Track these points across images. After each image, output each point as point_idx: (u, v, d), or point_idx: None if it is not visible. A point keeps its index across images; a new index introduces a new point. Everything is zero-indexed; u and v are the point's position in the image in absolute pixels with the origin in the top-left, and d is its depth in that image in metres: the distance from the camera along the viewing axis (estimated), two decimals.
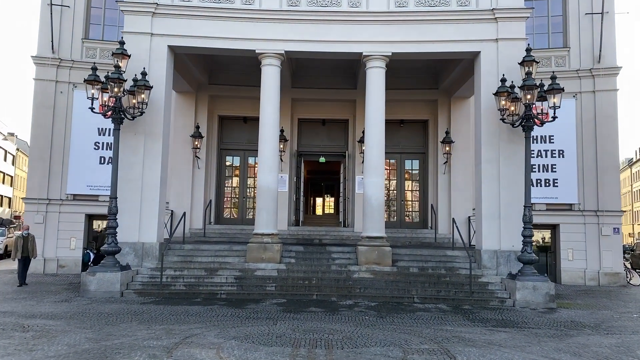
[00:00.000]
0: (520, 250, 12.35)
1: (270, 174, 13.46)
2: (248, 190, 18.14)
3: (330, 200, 30.01)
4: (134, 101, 12.76)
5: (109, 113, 12.38)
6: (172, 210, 16.91)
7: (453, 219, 15.20)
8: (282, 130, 17.02)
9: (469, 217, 16.79)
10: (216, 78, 17.70)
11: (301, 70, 17.59)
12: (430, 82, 17.73)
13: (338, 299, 11.86)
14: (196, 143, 17.00)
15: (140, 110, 12.74)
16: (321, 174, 26.19)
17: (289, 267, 13.10)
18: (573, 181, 17.12)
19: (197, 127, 17.06)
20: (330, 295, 11.95)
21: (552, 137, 17.36)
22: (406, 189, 18.30)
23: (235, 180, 18.39)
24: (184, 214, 15.49)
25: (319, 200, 31.02)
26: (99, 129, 17.42)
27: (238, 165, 18.32)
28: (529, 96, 11.88)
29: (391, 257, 13.18)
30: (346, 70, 17.58)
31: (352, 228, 17.38)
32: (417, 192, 18.18)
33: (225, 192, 18.31)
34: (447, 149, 16.90)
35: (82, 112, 16.59)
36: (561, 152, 17.22)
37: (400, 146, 17.97)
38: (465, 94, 17.09)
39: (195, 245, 14.26)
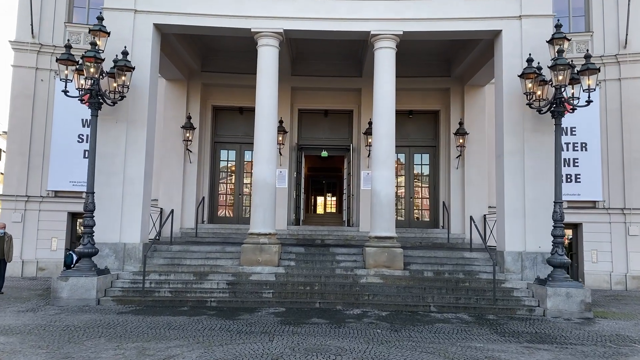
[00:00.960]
0: (549, 251, 10.83)
1: (268, 166, 11.94)
2: (244, 187, 16.61)
3: (332, 199, 28.45)
4: (114, 84, 11.24)
5: (86, 97, 10.87)
6: (161, 208, 15.39)
7: (471, 217, 13.68)
8: (281, 122, 15.52)
9: (485, 215, 15.28)
10: (210, 64, 16.17)
11: (301, 56, 16.07)
12: (442, 69, 16.20)
13: (344, 307, 10.33)
14: (187, 135, 15.47)
15: (120, 94, 11.22)
16: (323, 171, 24.64)
17: (289, 270, 11.58)
18: (597, 176, 15.61)
19: (189, 118, 15.54)
20: (335, 303, 10.42)
21: (574, 129, 15.86)
22: (415, 185, 16.77)
23: (231, 175, 16.86)
24: (172, 211, 13.96)
25: (320, 199, 29.46)
26: (82, 120, 15.94)
27: (234, 160, 16.78)
28: (560, 77, 10.35)
29: (403, 260, 11.67)
30: (351, 57, 16.06)
31: (357, 227, 15.86)
32: (427, 188, 16.65)
33: (220, 189, 16.78)
34: (461, 141, 15.37)
35: (65, 102, 14.98)
36: (584, 145, 15.72)
37: (409, 139, 16.43)
38: (479, 82, 15.57)
39: (185, 246, 12.72)
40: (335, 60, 16.05)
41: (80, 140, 16.04)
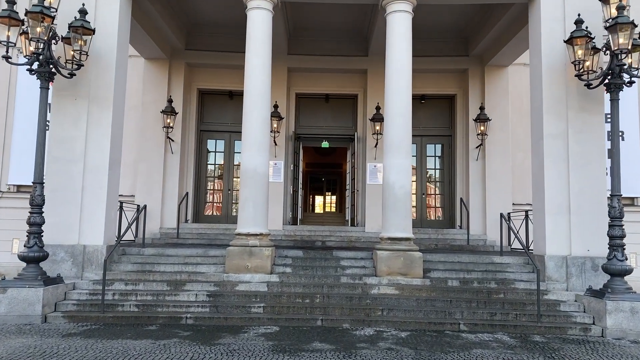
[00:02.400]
0: (601, 255, 8.77)
1: (259, 153, 9.77)
2: (234, 181, 14.44)
3: (332, 199, 26.23)
4: (71, 52, 9.09)
5: (34, 65, 8.70)
6: (138, 205, 13.18)
7: (501, 214, 11.50)
8: (275, 106, 13.39)
9: (509, 213, 13.12)
10: (195, 41, 13.99)
11: (299, 32, 13.92)
12: (459, 47, 14.08)
13: (352, 326, 8.16)
14: (168, 121, 13.29)
15: (77, 62, 9.05)
16: (322, 167, 22.45)
17: (284, 279, 9.41)
18: (635, 169, 13.52)
19: (170, 101, 13.36)
20: (341, 321, 8.24)
21: (607, 116, 13.73)
22: (428, 179, 14.62)
23: (219, 168, 14.69)
24: (144, 207, 11.73)
25: (319, 199, 27.23)
26: (50, 105, 13.73)
27: (222, 150, 14.60)
28: (621, 39, 8.22)
29: (422, 266, 9.52)
30: (355, 32, 13.94)
31: (362, 227, 13.70)
32: (442, 183, 14.50)
33: (206, 183, 14.59)
34: (482, 128, 13.23)
35: (29, 84, 12.99)
36: (621, 133, 13.60)
37: (421, 127, 14.26)
38: (502, 62, 13.45)
39: (160, 249, 10.52)
40: (337, 37, 13.93)
41: (48, 128, 13.83)
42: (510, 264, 10.08)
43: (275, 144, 13.64)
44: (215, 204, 14.60)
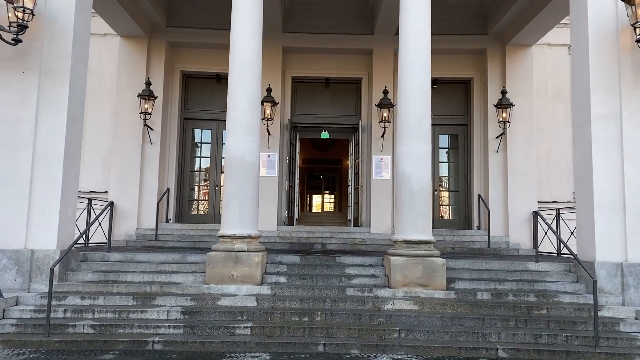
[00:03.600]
0: None
1: (248, 137, 7.98)
2: (223, 176, 12.60)
3: (331, 198, 24.39)
4: (17, 14, 7.29)
5: None
6: (111, 202, 11.37)
7: (535, 212, 9.69)
8: (269, 90, 11.59)
9: (535, 212, 11.37)
10: (178, 17, 12.17)
11: (296, 6, 12.13)
12: (477, 25, 12.31)
13: (363, 352, 6.36)
14: (146, 106, 11.47)
15: (21, 24, 7.24)
16: (320, 163, 20.64)
17: (277, 291, 7.61)
18: None
19: (148, 83, 11.53)
20: (349, 346, 6.44)
21: None
22: (441, 173, 12.84)
23: (205, 161, 12.86)
24: (111, 204, 9.87)
25: (317, 198, 25.37)
26: None
27: (209, 141, 12.79)
28: None
29: (445, 274, 7.74)
30: (359, 7, 12.17)
31: (367, 228, 11.92)
32: (457, 178, 12.71)
33: (191, 179, 12.77)
34: (504, 115, 11.46)
35: None
36: None
37: (432, 116, 12.37)
38: (526, 41, 11.70)
39: (130, 254, 8.69)
40: (339, 13, 12.15)
41: None
42: (549, 272, 8.31)
43: (269, 134, 11.85)
44: (200, 201, 12.78)
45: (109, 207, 9.68)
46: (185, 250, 9.55)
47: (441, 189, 12.82)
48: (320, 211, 23.52)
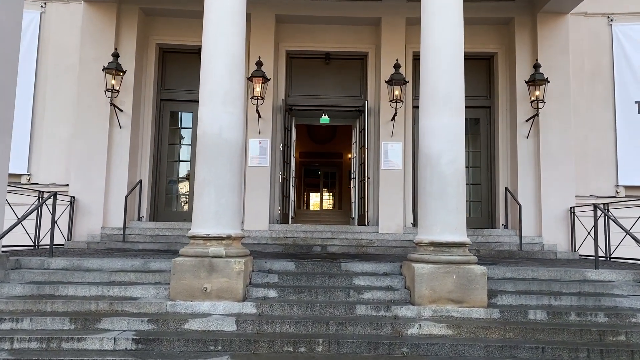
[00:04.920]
0: None
1: (226, 109, 6.02)
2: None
3: (330, 195, 22.38)
4: None
5: None
6: (72, 197, 9.44)
7: (595, 205, 7.64)
8: (259, 63, 9.65)
9: (572, 208, 9.50)
10: None
11: None
12: None
13: None
14: (113, 82, 9.50)
15: None
16: (319, 157, 18.67)
17: (265, 309, 5.66)
18: None
19: (115, 55, 9.56)
20: None
21: None
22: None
23: (186, 149, 10.88)
24: (54, 195, 7.81)
25: (314, 197, 23.32)
26: None
27: (190, 126, 10.80)
28: None
29: (486, 287, 5.80)
30: None
31: (374, 227, 9.97)
32: (479, 169, 10.77)
33: (169, 169, 10.80)
34: (537, 93, 9.54)
35: None
36: None
37: None
38: (561, 7, 9.77)
39: (78, 259, 6.69)
40: None
41: None
42: (615, 283, 6.39)
43: (259, 116, 9.90)
44: (180, 196, 10.81)
45: (49, 199, 7.63)
46: (154, 254, 7.59)
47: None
48: (319, 208, 21.52)
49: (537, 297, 6.00)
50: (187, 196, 10.67)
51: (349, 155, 18.74)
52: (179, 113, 10.83)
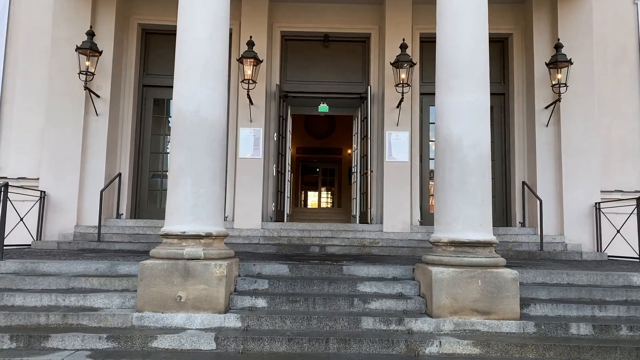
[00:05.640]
0: None
1: (207, 82, 4.98)
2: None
3: (329, 194, 21.33)
4: None
5: None
6: (42, 192, 8.41)
7: (598, 204, 6.74)
8: (250, 43, 8.63)
9: (597, 203, 8.51)
10: None
11: None
12: None
13: None
14: (87, 64, 8.47)
15: None
16: (317, 152, 17.64)
17: (252, 322, 4.64)
18: None
19: (91, 35, 8.52)
20: None
21: None
22: None
23: (171, 139, 9.85)
24: (5, 186, 6.74)
25: (313, 194, 22.22)
26: None
27: None
28: None
29: (518, 294, 4.78)
30: None
31: (378, 225, 8.94)
32: (493, 161, 9.63)
33: (153, 162, 9.75)
34: (559, 76, 8.53)
35: None
36: None
37: None
38: None
39: (32, 262, 5.63)
40: None
41: None
42: None
43: (251, 103, 8.88)
44: (164, 191, 9.76)
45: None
46: (130, 255, 6.57)
47: None
48: (317, 206, 20.44)
49: (578, 307, 4.98)
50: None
51: (349, 151, 17.73)
52: (164, 100, 9.79)
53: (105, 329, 4.52)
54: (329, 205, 20.20)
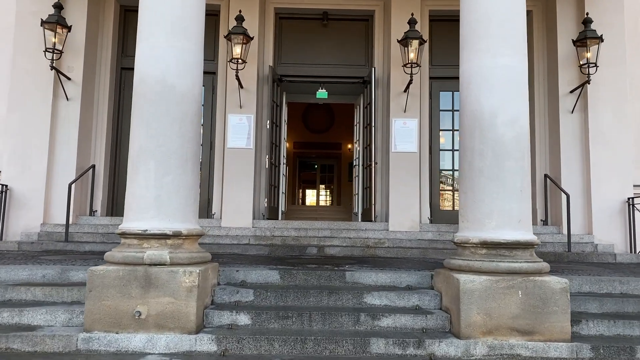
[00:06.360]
0: None
1: (176, 42, 3.93)
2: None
3: (328, 192, 20.28)
4: None
5: None
6: (4, 186, 7.37)
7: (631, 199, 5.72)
8: (239, 18, 7.59)
9: (631, 198, 7.49)
10: None
11: None
12: None
13: None
14: (54, 41, 7.43)
15: None
16: (315, 147, 16.58)
17: (231, 345, 3.59)
18: None
19: (58, 7, 7.46)
20: None
21: None
22: None
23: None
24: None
25: (311, 194, 21.18)
26: None
27: None
28: None
29: (569, 309, 3.77)
30: None
31: (384, 224, 7.89)
32: None
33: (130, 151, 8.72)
34: (588, 55, 7.50)
35: None
36: None
37: None
38: None
39: None
40: None
41: None
42: None
43: (241, 86, 7.84)
44: None
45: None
46: (92, 259, 5.51)
47: None
48: (315, 204, 19.36)
49: (635, 322, 3.95)
50: None
51: (349, 146, 16.68)
52: None
53: (41, 355, 3.48)
54: (327, 204, 19.15)
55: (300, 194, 20.44)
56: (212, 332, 3.70)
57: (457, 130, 8.42)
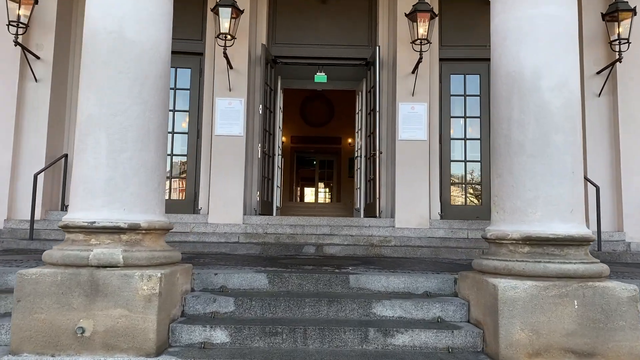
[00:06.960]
0: None
1: None
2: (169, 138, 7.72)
3: (328, 190, 19.40)
4: None
5: None
6: None
7: None
8: None
9: None
10: None
11: None
12: None
13: None
14: (19, 13, 6.57)
15: None
16: (314, 142, 15.69)
17: None
18: None
19: None
20: None
21: None
22: None
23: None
24: None
25: (309, 189, 20.30)
26: None
27: None
28: None
29: (638, 323, 2.94)
30: None
31: (390, 220, 7.04)
32: None
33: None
34: (620, 30, 6.66)
35: None
36: None
37: (488, 47, 7.67)
38: None
39: None
40: None
41: None
42: None
43: (230, 66, 6.99)
44: None
45: None
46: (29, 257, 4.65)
47: None
48: (313, 200, 18.46)
49: None
50: None
51: (349, 140, 15.83)
52: None
53: None
54: (327, 201, 18.29)
55: (298, 192, 19.56)
56: (178, 354, 2.86)
57: (470, 117, 7.59)
